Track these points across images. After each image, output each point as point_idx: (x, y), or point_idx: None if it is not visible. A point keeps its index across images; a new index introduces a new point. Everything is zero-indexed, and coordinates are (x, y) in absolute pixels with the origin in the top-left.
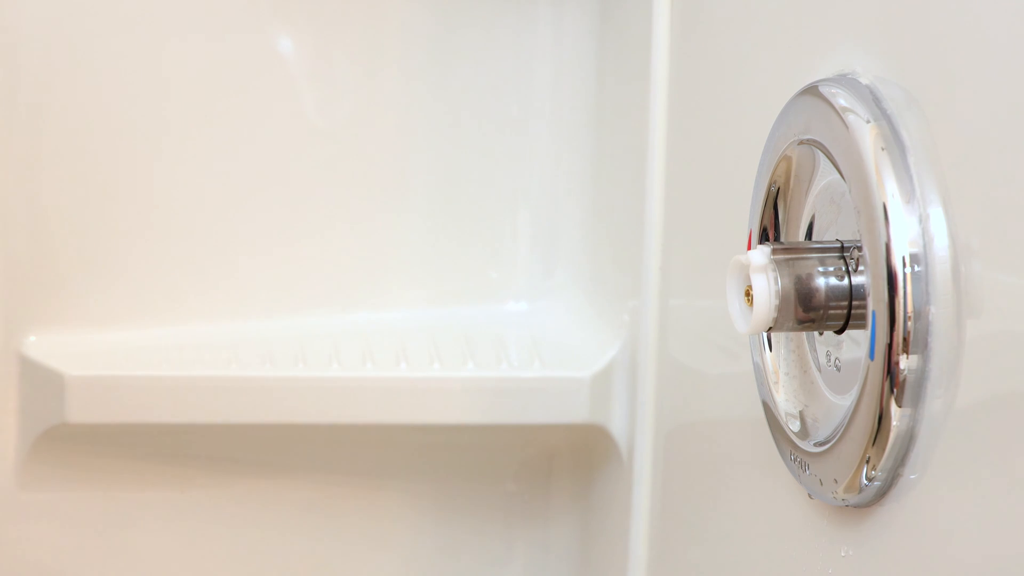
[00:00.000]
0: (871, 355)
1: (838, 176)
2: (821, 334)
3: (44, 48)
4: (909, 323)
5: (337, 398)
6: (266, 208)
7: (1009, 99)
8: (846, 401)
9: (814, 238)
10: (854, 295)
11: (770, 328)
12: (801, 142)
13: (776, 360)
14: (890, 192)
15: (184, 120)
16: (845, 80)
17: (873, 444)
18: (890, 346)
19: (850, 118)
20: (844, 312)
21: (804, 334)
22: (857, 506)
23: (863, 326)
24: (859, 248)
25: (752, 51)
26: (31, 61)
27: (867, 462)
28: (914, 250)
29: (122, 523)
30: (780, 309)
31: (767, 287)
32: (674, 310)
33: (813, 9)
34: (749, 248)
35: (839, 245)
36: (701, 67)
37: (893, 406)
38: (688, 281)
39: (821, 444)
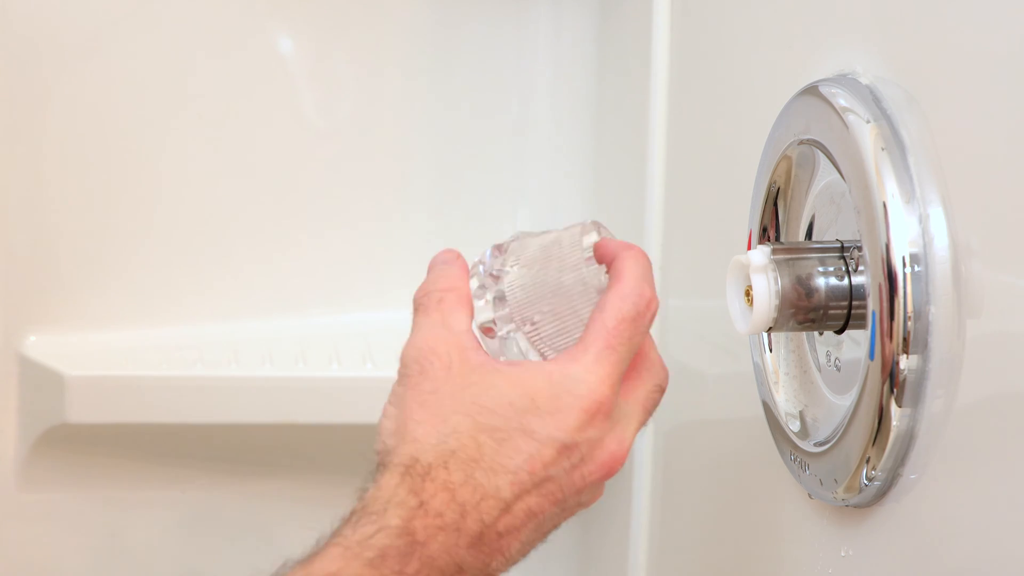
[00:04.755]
0: (871, 355)
1: (838, 176)
2: (821, 334)
3: (45, 51)
4: (909, 323)
5: (337, 398)
6: (266, 208)
7: (1009, 99)
8: (846, 401)
9: (814, 238)
10: (854, 295)
11: (770, 328)
12: (801, 142)
13: (776, 360)
14: (890, 192)
15: (184, 120)
16: (845, 80)
17: (873, 444)
18: (890, 346)
19: (850, 118)
20: (844, 312)
21: (804, 334)
22: (857, 506)
23: (863, 326)
24: (859, 248)
25: (752, 51)
26: (33, 63)
27: (867, 462)
28: (914, 250)
29: (122, 523)
30: (780, 309)
31: (767, 287)
32: (674, 310)
33: (813, 9)
34: (749, 248)
35: (839, 245)
36: (701, 67)
37: (893, 406)
38: (688, 281)
39: (821, 444)
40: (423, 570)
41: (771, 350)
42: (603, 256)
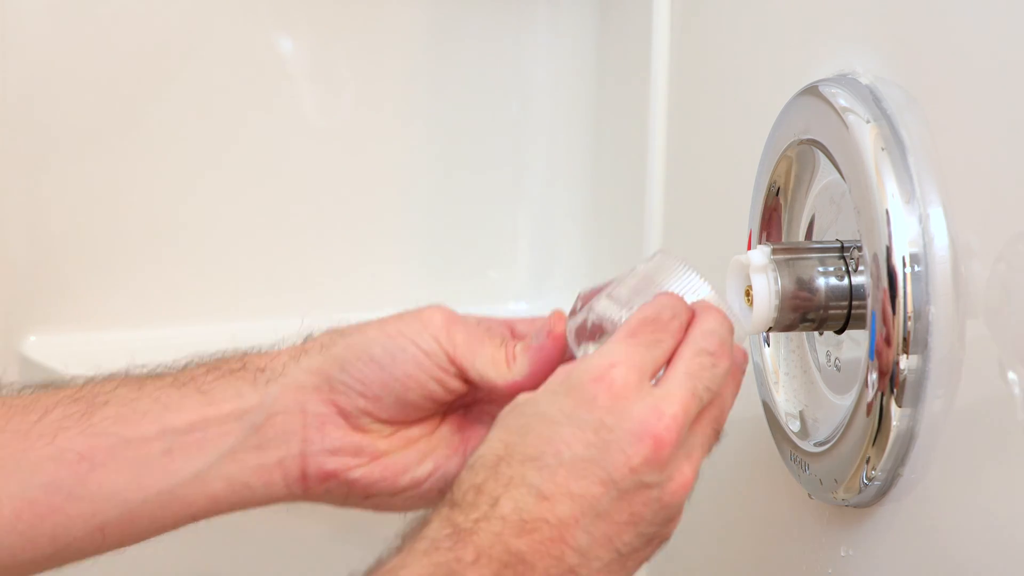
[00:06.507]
0: (871, 355)
1: (838, 176)
2: (821, 334)
3: (45, 49)
4: (909, 323)
5: None
6: (266, 208)
7: (1009, 99)
8: (846, 401)
9: (814, 238)
10: (854, 295)
11: (770, 328)
12: (801, 142)
13: (776, 360)
14: (890, 192)
15: (184, 120)
16: (845, 80)
17: (873, 444)
18: (890, 346)
19: (850, 118)
20: (844, 312)
21: (804, 334)
22: (857, 506)
23: (863, 326)
24: (859, 248)
25: (752, 51)
26: (32, 62)
27: (867, 462)
28: (914, 250)
29: None
30: (780, 309)
31: (767, 287)
32: None
33: (813, 9)
34: (749, 248)
35: (839, 245)
36: (701, 67)
37: (893, 406)
38: None
39: (821, 444)
40: (482, 559)
41: (771, 350)
42: None
